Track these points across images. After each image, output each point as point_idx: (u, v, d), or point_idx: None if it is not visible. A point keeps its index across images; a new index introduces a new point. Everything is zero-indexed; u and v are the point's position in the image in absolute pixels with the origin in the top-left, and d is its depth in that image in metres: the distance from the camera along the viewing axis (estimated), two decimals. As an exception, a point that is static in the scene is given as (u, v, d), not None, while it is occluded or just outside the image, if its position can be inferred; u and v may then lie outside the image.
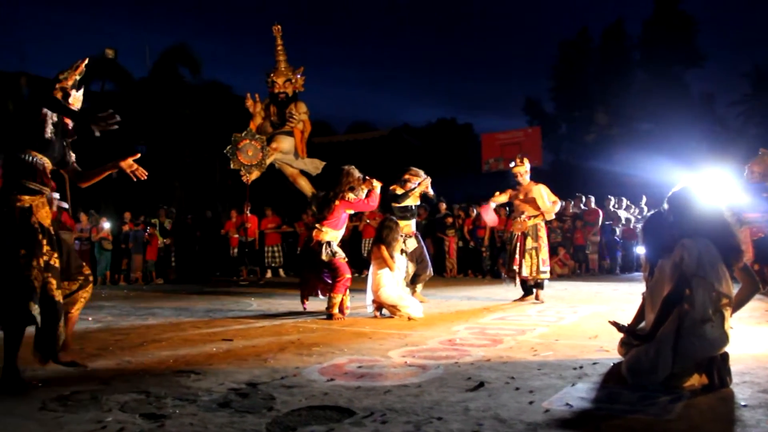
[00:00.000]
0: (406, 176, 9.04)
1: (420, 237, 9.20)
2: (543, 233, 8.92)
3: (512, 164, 9.33)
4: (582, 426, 2.89)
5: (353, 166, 7.70)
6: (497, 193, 9.40)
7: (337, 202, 7.38)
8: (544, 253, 8.84)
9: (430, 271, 9.00)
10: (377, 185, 7.67)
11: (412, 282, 8.87)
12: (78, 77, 4.31)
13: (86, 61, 4.41)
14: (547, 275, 8.92)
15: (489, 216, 9.85)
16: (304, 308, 7.66)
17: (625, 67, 31.13)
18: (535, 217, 8.88)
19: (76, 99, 4.37)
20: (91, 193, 20.64)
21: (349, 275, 7.26)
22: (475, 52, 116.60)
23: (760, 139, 23.11)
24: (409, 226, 8.90)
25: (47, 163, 4.04)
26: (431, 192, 9.16)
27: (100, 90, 25.16)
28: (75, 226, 13.48)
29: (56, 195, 12.63)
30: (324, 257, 7.24)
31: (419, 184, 8.92)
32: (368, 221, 15.52)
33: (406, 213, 8.91)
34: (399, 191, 8.87)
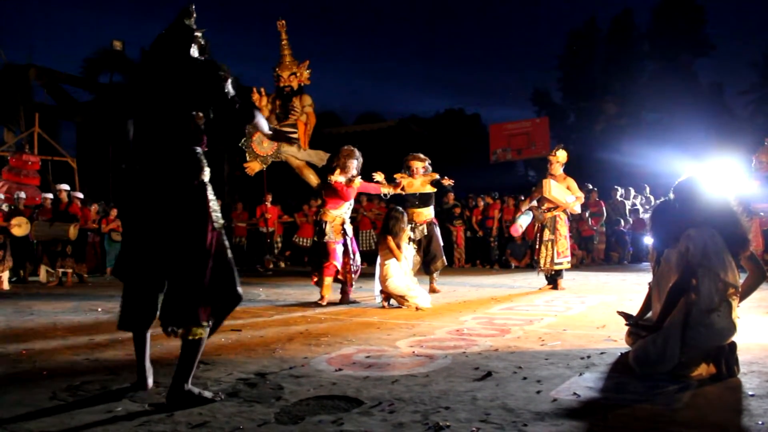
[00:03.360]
0: (410, 163, 8.92)
1: (435, 226, 9.02)
2: (562, 225, 8.97)
3: (549, 154, 9.39)
4: (589, 415, 2.89)
5: (353, 149, 7.75)
6: (533, 192, 9.37)
7: (328, 181, 7.64)
8: (561, 246, 8.89)
9: (441, 261, 8.87)
10: (357, 182, 7.68)
11: (427, 272, 8.86)
12: None
13: None
14: (564, 266, 8.98)
15: (518, 233, 9.86)
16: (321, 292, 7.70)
17: (633, 56, 30.96)
18: (555, 209, 8.91)
19: None
20: (100, 184, 20.74)
21: (336, 261, 7.46)
22: (482, 43, 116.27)
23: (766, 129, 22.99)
24: (420, 214, 8.81)
25: None
26: (447, 181, 8.93)
27: (109, 82, 25.21)
28: (90, 216, 13.48)
29: (65, 186, 12.72)
30: (316, 237, 7.64)
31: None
32: (364, 213, 15.56)
33: (414, 201, 8.80)
34: (405, 180, 8.79)
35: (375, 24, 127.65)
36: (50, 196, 12.63)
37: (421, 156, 8.95)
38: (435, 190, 8.95)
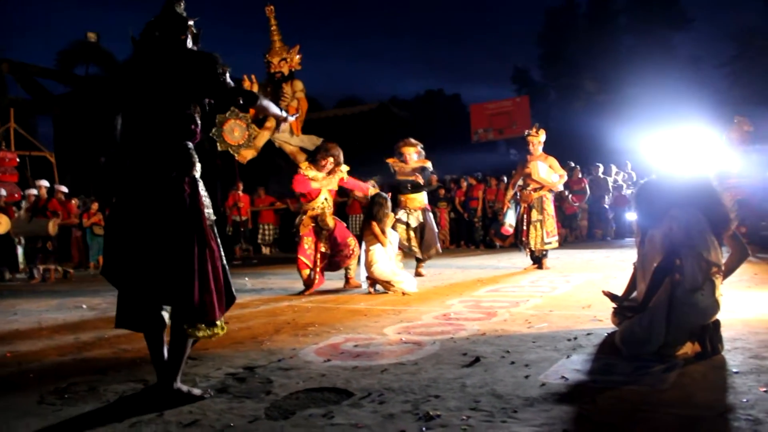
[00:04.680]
0: (402, 149, 8.77)
1: (429, 213, 8.92)
2: (549, 205, 9.05)
3: (528, 132, 9.35)
4: (578, 399, 2.92)
5: (332, 145, 7.69)
6: (514, 175, 9.39)
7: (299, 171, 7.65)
8: (549, 225, 8.98)
9: (435, 249, 8.84)
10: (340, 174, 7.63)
11: (418, 260, 8.82)
12: None
13: None
14: (553, 245, 9.06)
15: (509, 232, 9.81)
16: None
17: (612, 32, 31.00)
18: (540, 189, 8.95)
19: None
20: (80, 178, 20.54)
21: (301, 255, 7.47)
22: (461, 22, 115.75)
23: (745, 102, 23.15)
24: (414, 200, 8.71)
25: None
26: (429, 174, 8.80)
27: (85, 74, 24.90)
28: (72, 211, 13.36)
29: (44, 182, 12.59)
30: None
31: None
32: (354, 197, 15.57)
33: (407, 186, 8.69)
34: (396, 166, 8.67)
35: (352, 6, 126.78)
36: (34, 192, 12.49)
37: (413, 141, 8.79)
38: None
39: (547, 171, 9.03)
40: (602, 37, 30.30)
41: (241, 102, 3.37)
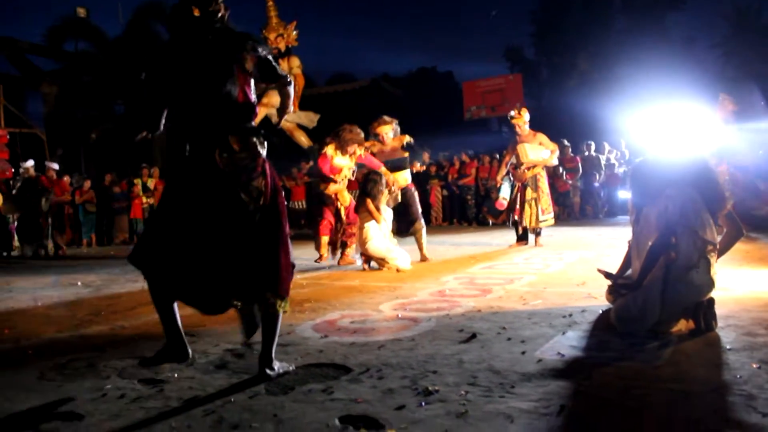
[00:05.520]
0: (376, 130, 8.23)
1: (411, 191, 8.30)
2: (543, 183, 9.09)
3: (511, 115, 9.32)
4: (574, 375, 2.95)
5: (354, 128, 7.61)
6: (505, 155, 9.37)
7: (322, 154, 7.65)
8: (544, 203, 9.02)
9: (419, 223, 8.20)
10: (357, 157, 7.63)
11: (405, 234, 8.33)
12: None
13: None
14: (549, 222, 9.11)
15: (503, 206, 9.73)
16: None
17: (606, 11, 30.80)
18: (534, 167, 8.97)
19: None
20: (73, 155, 20.42)
21: (330, 218, 7.63)
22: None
23: (737, 82, 23.11)
24: (395, 181, 8.08)
25: None
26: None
27: (74, 50, 24.61)
28: (65, 188, 13.31)
29: (30, 162, 12.50)
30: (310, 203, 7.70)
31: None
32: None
33: (387, 167, 8.12)
34: (375, 147, 8.21)
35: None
36: (30, 164, 12.40)
37: (386, 118, 8.30)
38: (407, 154, 8.27)
39: (536, 150, 9.04)
40: (596, 15, 30.14)
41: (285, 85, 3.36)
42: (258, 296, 3.11)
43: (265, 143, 3.17)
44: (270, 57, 3.21)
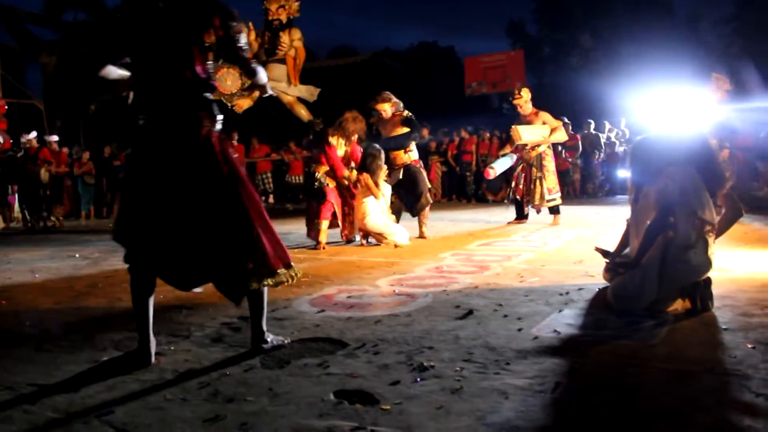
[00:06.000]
0: (376, 107, 7.97)
1: (416, 168, 7.97)
2: (548, 161, 9.04)
3: (511, 98, 9.31)
4: (570, 352, 2.96)
5: (357, 117, 7.44)
6: (507, 146, 9.31)
7: (326, 145, 7.37)
8: (550, 182, 8.97)
9: (424, 198, 7.90)
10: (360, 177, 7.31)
11: (414, 215, 8.07)
12: None
13: None
14: (556, 202, 9.02)
15: (489, 176, 9.63)
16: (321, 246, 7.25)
17: (610, -14, 30.55)
18: (538, 146, 8.92)
19: None
20: (70, 127, 20.33)
21: (332, 199, 7.27)
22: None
23: (741, 61, 22.95)
24: (398, 157, 7.90)
25: None
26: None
27: (73, 20, 24.37)
28: (63, 160, 13.27)
29: (33, 134, 12.46)
30: (306, 193, 7.48)
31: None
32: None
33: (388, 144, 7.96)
34: (379, 125, 8.01)
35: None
36: (33, 136, 12.36)
37: (386, 95, 8.01)
38: (409, 129, 7.88)
39: (534, 130, 8.97)
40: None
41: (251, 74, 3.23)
42: (235, 276, 2.99)
43: (218, 117, 3.05)
44: (238, 37, 3.08)
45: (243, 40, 3.13)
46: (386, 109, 7.94)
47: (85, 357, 3.09)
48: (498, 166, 9.19)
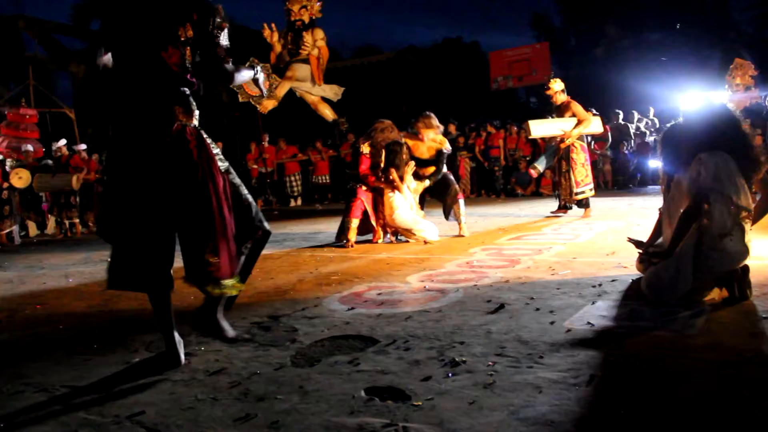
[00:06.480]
0: (420, 125, 7.60)
1: (444, 173, 7.71)
2: (577, 154, 8.92)
3: (545, 88, 9.29)
4: (604, 344, 2.90)
5: (387, 127, 7.36)
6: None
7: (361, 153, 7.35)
8: (579, 175, 8.86)
9: (453, 188, 7.63)
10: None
11: (447, 216, 7.76)
12: None
13: None
14: (586, 194, 8.91)
15: (533, 175, 9.63)
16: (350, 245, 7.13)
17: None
18: (566, 138, 8.84)
19: None
20: (101, 134, 20.58)
21: (363, 197, 7.20)
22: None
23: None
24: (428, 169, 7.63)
25: None
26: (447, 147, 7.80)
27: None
28: (93, 167, 13.43)
29: (63, 141, 12.64)
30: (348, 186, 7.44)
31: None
32: None
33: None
34: (410, 141, 7.60)
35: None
36: (62, 143, 12.56)
37: (434, 121, 7.62)
38: (435, 167, 7.61)
39: (548, 125, 9.06)
40: (623, -21, 29.51)
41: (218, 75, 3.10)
42: (194, 278, 2.90)
43: (196, 113, 3.00)
44: (218, 33, 2.98)
45: (224, 37, 3.04)
46: (429, 135, 7.59)
47: (117, 359, 3.10)
48: (540, 165, 9.24)
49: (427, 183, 7.59)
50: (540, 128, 8.98)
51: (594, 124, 9.07)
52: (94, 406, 2.48)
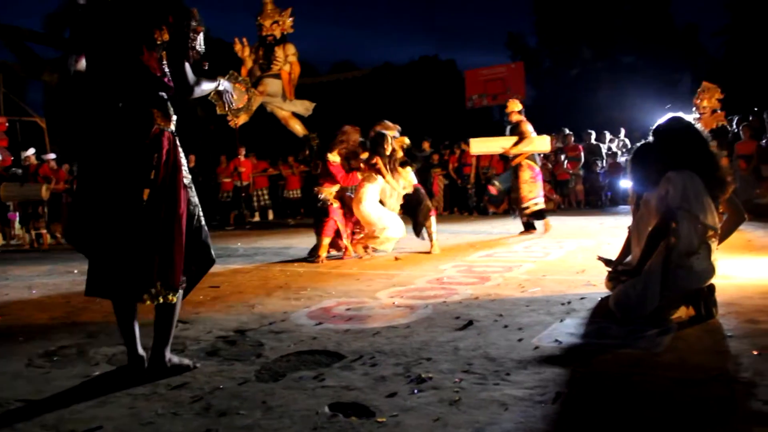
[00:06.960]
0: (378, 128, 7.55)
1: (415, 189, 7.65)
2: (523, 172, 9.02)
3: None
4: (572, 361, 2.90)
5: (355, 128, 7.30)
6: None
7: (327, 161, 7.20)
8: (524, 191, 8.95)
9: (425, 205, 7.56)
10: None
11: (418, 232, 7.68)
12: None
13: None
14: (531, 208, 8.95)
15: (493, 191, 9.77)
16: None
17: (608, -1, 30.67)
18: (515, 157, 9.04)
19: None
20: (71, 144, 20.33)
21: (335, 217, 7.05)
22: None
23: (741, 71, 22.97)
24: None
25: None
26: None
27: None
28: (63, 177, 13.24)
29: (32, 150, 12.46)
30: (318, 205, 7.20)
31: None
32: None
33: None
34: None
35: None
36: (31, 152, 12.37)
37: (388, 123, 7.66)
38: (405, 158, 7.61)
39: (488, 143, 9.65)
40: (598, 3, 29.98)
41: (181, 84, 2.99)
42: (147, 286, 2.82)
43: (173, 117, 2.96)
44: (193, 37, 2.96)
45: (199, 41, 3.02)
46: (393, 134, 7.51)
47: (76, 372, 3.03)
48: (500, 182, 9.36)
49: (411, 175, 7.56)
50: (481, 146, 9.57)
51: (538, 143, 9.24)
52: (50, 422, 2.40)
